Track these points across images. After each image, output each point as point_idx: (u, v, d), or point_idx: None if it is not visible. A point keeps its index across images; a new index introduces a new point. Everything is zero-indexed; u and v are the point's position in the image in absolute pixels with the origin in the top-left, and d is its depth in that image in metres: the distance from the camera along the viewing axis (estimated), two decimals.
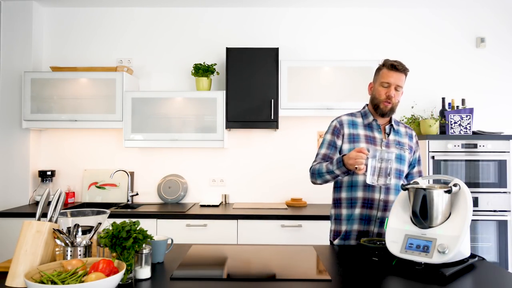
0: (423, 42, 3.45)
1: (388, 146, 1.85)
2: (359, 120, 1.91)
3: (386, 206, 1.80)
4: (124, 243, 1.24)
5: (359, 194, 1.82)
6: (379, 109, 1.84)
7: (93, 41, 3.48)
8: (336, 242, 1.88)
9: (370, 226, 1.82)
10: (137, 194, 3.35)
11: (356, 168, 1.59)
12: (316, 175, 1.82)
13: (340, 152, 1.87)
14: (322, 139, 1.93)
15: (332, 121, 1.95)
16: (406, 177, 1.94)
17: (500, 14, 3.45)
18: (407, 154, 1.88)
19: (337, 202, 1.91)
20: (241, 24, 3.47)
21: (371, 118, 1.89)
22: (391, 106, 1.82)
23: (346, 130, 1.88)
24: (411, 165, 1.93)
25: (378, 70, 1.88)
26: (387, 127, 1.90)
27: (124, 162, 3.43)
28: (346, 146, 1.85)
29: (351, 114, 1.95)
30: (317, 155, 1.91)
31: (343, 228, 1.87)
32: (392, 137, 1.88)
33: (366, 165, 1.60)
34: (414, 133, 1.99)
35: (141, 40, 3.48)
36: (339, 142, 1.87)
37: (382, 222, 1.81)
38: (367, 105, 1.96)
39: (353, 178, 1.83)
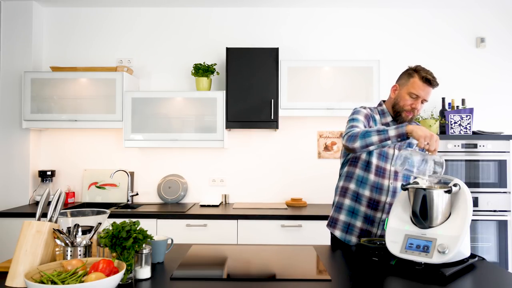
0: (423, 43, 3.45)
1: (400, 148, 1.84)
2: (377, 117, 1.88)
3: (391, 209, 1.80)
4: (124, 243, 1.24)
5: (366, 192, 1.81)
6: (400, 117, 1.80)
7: (93, 41, 3.48)
8: (338, 234, 1.86)
9: (373, 227, 1.82)
10: (137, 194, 3.35)
11: (426, 144, 1.47)
12: (361, 135, 1.60)
13: None
14: (352, 118, 1.78)
15: (360, 108, 1.84)
16: None
17: (500, 14, 3.45)
18: None
19: (342, 191, 1.88)
20: (242, 24, 3.47)
21: (389, 118, 1.85)
22: (412, 116, 1.80)
23: (371, 123, 1.83)
24: None
25: (409, 75, 1.79)
26: None
27: (124, 162, 3.43)
28: None
29: (370, 109, 1.88)
30: (352, 126, 1.73)
31: (342, 218, 1.86)
32: None
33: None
34: None
35: (141, 40, 3.48)
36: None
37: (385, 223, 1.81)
38: (383, 101, 1.91)
39: (365, 175, 1.82)
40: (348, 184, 1.87)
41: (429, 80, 1.74)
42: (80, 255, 1.31)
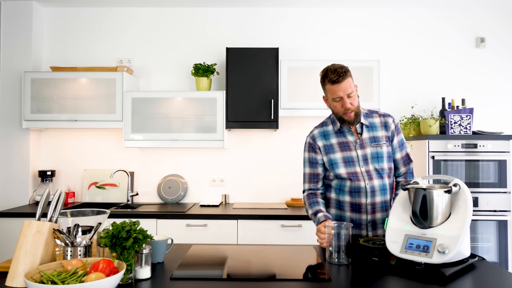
0: (423, 43, 3.45)
1: (364, 146, 1.81)
2: (330, 128, 1.89)
3: (374, 209, 1.79)
4: (124, 243, 1.24)
5: (347, 198, 1.82)
6: (345, 122, 1.80)
7: (93, 41, 3.48)
8: None
9: (361, 230, 1.81)
10: (137, 194, 3.35)
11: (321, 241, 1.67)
12: (306, 209, 1.93)
13: (324, 165, 1.87)
14: (303, 159, 1.95)
15: (307, 137, 1.95)
16: (395, 168, 1.90)
17: (500, 14, 3.45)
18: (384, 149, 1.81)
19: (327, 202, 1.92)
20: (242, 24, 3.47)
21: (338, 124, 1.85)
22: (354, 113, 1.77)
23: (320, 143, 1.87)
24: (392, 152, 1.86)
25: (323, 84, 1.81)
26: (358, 126, 1.84)
27: (124, 162, 3.43)
28: (325, 158, 1.87)
29: (322, 124, 1.94)
30: (303, 174, 1.95)
31: None
32: (366, 134, 1.83)
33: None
34: (390, 120, 1.87)
35: (141, 40, 3.48)
36: (318, 157, 1.88)
37: (373, 224, 1.80)
38: None
39: (342, 183, 1.83)
40: (329, 194, 1.90)
41: (335, 80, 1.72)
42: (80, 255, 1.31)
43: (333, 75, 1.72)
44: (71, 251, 1.31)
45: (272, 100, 3.07)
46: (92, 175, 3.39)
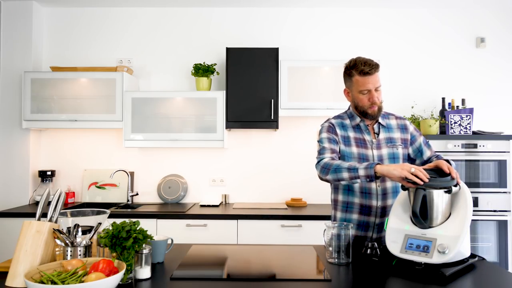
0: (423, 43, 3.45)
1: (380, 147, 1.78)
2: (347, 121, 1.85)
3: (384, 212, 1.75)
4: (124, 243, 1.24)
5: (356, 199, 1.78)
6: (368, 115, 1.77)
7: (93, 41, 3.48)
8: None
9: (368, 232, 1.79)
10: (137, 194, 3.35)
11: (408, 181, 1.45)
12: (332, 170, 1.63)
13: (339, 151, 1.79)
14: (319, 139, 1.80)
15: (323, 124, 1.87)
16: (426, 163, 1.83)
17: (500, 14, 3.45)
18: (400, 151, 1.79)
19: (334, 204, 1.88)
20: (242, 24, 3.47)
21: (358, 119, 1.82)
22: (378, 107, 1.75)
23: (339, 131, 1.81)
24: (419, 153, 1.83)
25: (349, 76, 1.76)
26: (375, 126, 1.82)
27: (124, 162, 3.43)
28: (342, 147, 1.79)
29: (338, 116, 1.89)
30: (322, 149, 1.75)
31: None
32: (382, 135, 1.81)
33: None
34: (407, 122, 1.87)
35: (141, 40, 3.48)
36: (337, 137, 1.79)
37: (380, 227, 1.77)
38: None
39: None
40: (336, 196, 1.85)
41: (368, 72, 1.70)
42: (80, 255, 1.31)
43: (365, 67, 1.70)
44: (71, 251, 1.31)
45: (272, 100, 3.07)
46: (92, 175, 3.39)
